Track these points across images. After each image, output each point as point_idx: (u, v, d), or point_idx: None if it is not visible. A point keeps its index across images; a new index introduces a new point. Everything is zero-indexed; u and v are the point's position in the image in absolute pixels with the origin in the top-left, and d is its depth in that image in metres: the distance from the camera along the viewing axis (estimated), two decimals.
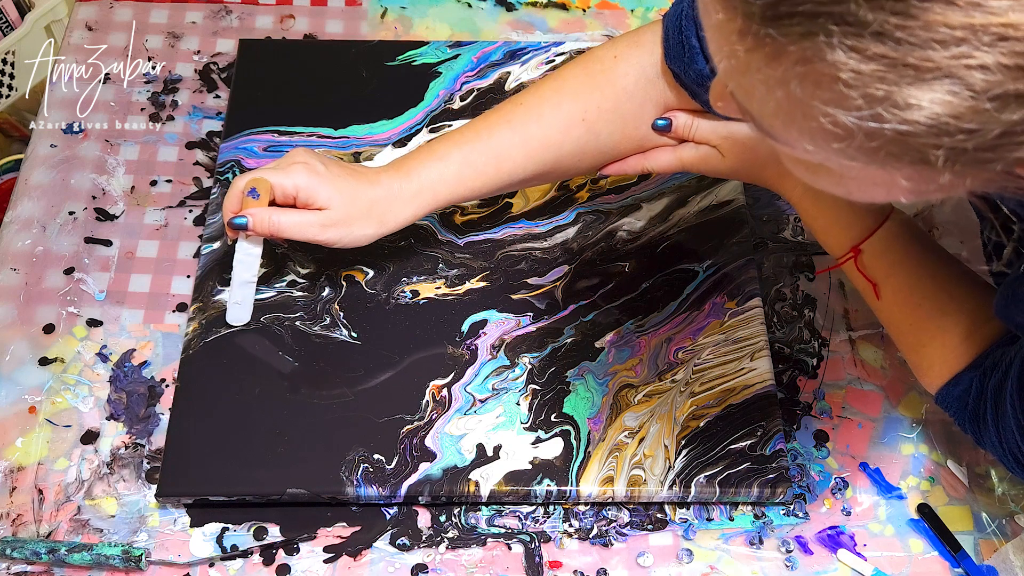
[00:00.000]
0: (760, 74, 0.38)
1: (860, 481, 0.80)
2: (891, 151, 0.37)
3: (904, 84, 0.34)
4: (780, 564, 0.76)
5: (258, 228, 0.72)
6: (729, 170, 0.76)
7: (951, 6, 0.33)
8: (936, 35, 0.33)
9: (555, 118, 0.75)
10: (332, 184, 0.73)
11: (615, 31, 1.03)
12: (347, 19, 1.04)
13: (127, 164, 0.93)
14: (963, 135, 0.35)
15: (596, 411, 0.78)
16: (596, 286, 0.85)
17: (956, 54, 0.33)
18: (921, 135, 0.36)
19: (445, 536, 0.76)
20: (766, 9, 0.36)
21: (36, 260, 0.88)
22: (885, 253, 0.71)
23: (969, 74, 0.34)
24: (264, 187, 0.72)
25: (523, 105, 0.76)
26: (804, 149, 0.40)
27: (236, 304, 0.80)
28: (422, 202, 0.75)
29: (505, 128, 0.76)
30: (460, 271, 0.85)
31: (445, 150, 0.76)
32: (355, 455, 0.76)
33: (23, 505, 0.77)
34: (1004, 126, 0.35)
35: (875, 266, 0.72)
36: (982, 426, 0.66)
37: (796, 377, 0.84)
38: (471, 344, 0.81)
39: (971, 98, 0.34)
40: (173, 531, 0.76)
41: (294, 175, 0.73)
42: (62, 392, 0.81)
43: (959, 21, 0.33)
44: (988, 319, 0.66)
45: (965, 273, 0.71)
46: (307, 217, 0.73)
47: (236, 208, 0.73)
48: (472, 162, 0.75)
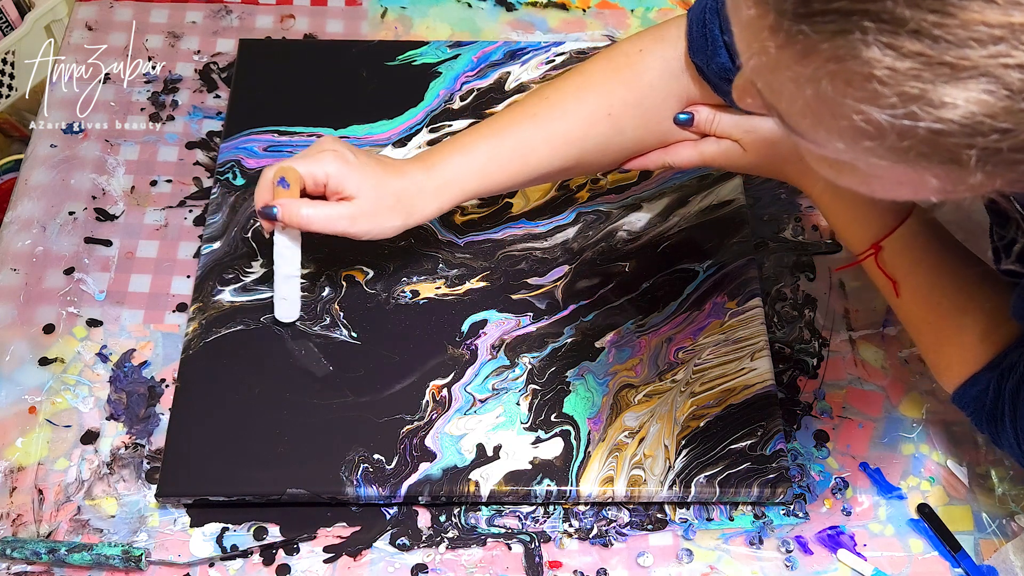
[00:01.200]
0: (790, 71, 0.38)
1: (860, 481, 0.80)
2: (922, 151, 0.37)
3: (940, 82, 0.34)
4: (780, 564, 0.76)
5: (288, 220, 0.72)
6: (750, 165, 0.76)
7: (990, 4, 0.33)
8: (974, 33, 0.33)
9: (580, 113, 0.75)
10: (361, 173, 0.73)
11: (615, 31, 1.03)
12: (347, 19, 1.04)
13: (127, 164, 0.93)
14: (997, 135, 0.35)
15: (596, 411, 0.78)
16: (596, 286, 0.85)
17: (993, 53, 0.33)
18: (955, 134, 0.35)
19: (445, 536, 0.76)
20: (799, 6, 0.36)
21: (36, 260, 0.88)
22: (905, 250, 0.71)
23: (1006, 73, 0.33)
24: (293, 176, 0.72)
25: (548, 100, 0.76)
26: (833, 147, 0.40)
27: (283, 300, 0.79)
28: (448, 195, 0.75)
29: (530, 122, 0.76)
30: (460, 271, 0.85)
31: (471, 143, 0.76)
32: (355, 455, 0.76)
33: (23, 505, 0.77)
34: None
35: (895, 263, 0.71)
36: (999, 427, 0.66)
37: (796, 377, 0.84)
38: (471, 344, 0.81)
39: (1007, 97, 0.34)
40: (173, 531, 0.76)
41: (324, 163, 0.72)
42: (62, 392, 0.81)
43: (998, 20, 0.33)
44: (1007, 319, 0.66)
45: (986, 272, 0.70)
46: (337, 210, 0.73)
47: (267, 199, 0.73)
48: (497, 156, 0.75)
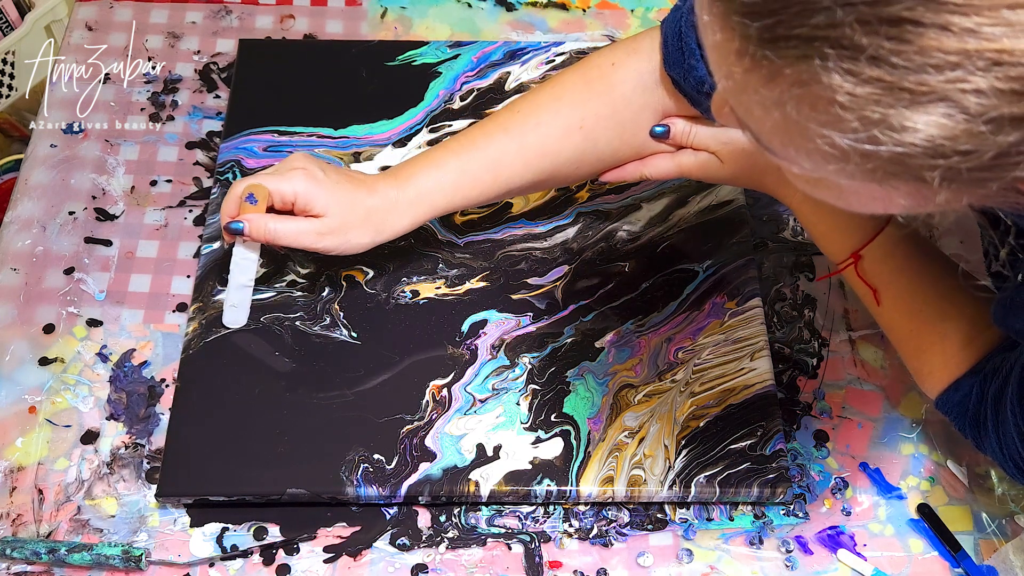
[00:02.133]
0: (757, 95, 0.38)
1: (860, 481, 0.80)
2: (889, 171, 0.37)
3: (900, 107, 0.35)
4: (780, 564, 0.76)
5: (254, 234, 0.73)
6: (728, 176, 0.76)
7: (945, 31, 0.33)
8: (931, 59, 0.33)
9: (553, 125, 0.75)
10: (330, 191, 0.73)
11: (615, 31, 1.03)
12: (347, 19, 1.04)
13: (127, 164, 0.93)
14: (958, 157, 0.35)
15: (596, 411, 0.78)
16: (596, 286, 0.85)
17: (951, 78, 0.34)
18: (917, 156, 0.36)
19: (445, 536, 0.76)
20: (763, 31, 0.36)
21: (36, 260, 0.88)
22: (885, 259, 0.71)
23: (964, 98, 0.34)
24: (262, 193, 0.73)
25: (520, 112, 0.76)
26: (802, 167, 0.40)
27: (232, 307, 0.80)
28: (419, 211, 0.75)
29: (502, 136, 0.75)
30: (460, 271, 0.85)
31: (442, 158, 0.76)
32: (355, 455, 0.76)
33: (23, 505, 0.77)
34: (1000, 148, 0.35)
35: (875, 272, 0.71)
36: (982, 431, 0.66)
37: (796, 377, 0.84)
38: (471, 344, 0.81)
39: (966, 121, 0.34)
40: (173, 531, 0.76)
41: (293, 181, 0.73)
42: (62, 392, 0.81)
43: (954, 46, 0.33)
44: (988, 325, 0.66)
45: (965, 278, 0.71)
46: (303, 225, 0.73)
47: (234, 213, 0.74)
48: (469, 170, 0.75)
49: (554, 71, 0.96)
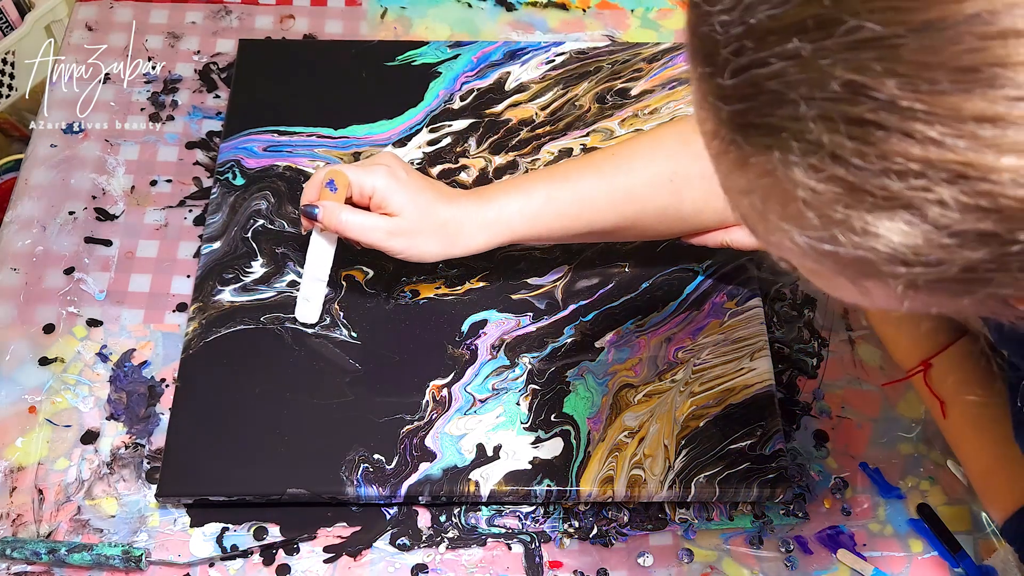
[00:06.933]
0: (728, 180, 0.38)
1: (860, 481, 0.80)
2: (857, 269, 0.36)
3: (861, 209, 0.33)
4: (780, 564, 0.76)
5: (326, 221, 0.72)
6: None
7: (908, 138, 0.31)
8: (894, 165, 0.32)
9: (644, 173, 0.75)
10: (408, 193, 0.72)
11: (615, 31, 1.03)
12: (347, 19, 1.04)
13: (127, 164, 0.94)
14: (922, 267, 0.34)
15: (596, 411, 0.78)
16: (596, 286, 0.85)
17: (914, 186, 0.32)
18: (879, 263, 0.34)
19: (445, 536, 0.76)
20: (734, 116, 0.35)
21: (36, 260, 0.88)
22: (954, 371, 0.69)
23: (928, 207, 0.32)
24: (343, 181, 0.72)
25: (615, 156, 0.76)
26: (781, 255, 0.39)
27: (306, 300, 0.79)
28: (496, 232, 0.74)
29: (593, 174, 0.75)
30: (460, 271, 0.85)
31: (530, 185, 0.75)
32: (355, 455, 0.76)
33: (23, 505, 0.77)
34: (967, 262, 0.33)
35: (943, 383, 0.70)
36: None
37: (796, 377, 0.84)
38: (471, 344, 0.81)
39: (930, 231, 0.32)
40: (173, 531, 0.76)
41: (374, 175, 0.72)
42: (62, 392, 0.81)
43: (917, 154, 0.31)
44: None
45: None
46: (375, 221, 0.72)
47: (313, 198, 0.73)
48: (555, 200, 0.74)
49: (554, 71, 0.96)
